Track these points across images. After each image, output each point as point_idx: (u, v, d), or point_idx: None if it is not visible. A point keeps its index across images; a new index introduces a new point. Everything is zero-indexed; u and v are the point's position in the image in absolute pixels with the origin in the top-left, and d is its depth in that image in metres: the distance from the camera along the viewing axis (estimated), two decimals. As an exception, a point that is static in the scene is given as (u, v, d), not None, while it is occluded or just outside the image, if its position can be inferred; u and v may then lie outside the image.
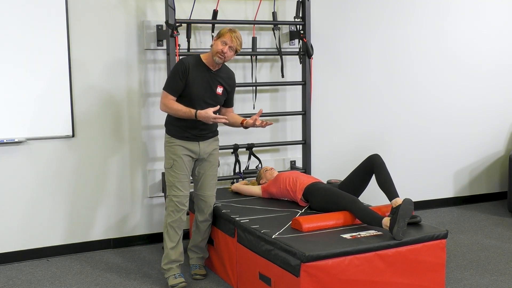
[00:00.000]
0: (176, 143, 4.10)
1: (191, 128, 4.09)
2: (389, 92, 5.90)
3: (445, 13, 6.05)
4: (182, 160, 4.09)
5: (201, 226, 4.28)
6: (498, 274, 4.38)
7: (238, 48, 4.05)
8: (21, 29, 4.52)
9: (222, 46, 3.99)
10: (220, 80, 4.14)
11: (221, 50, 3.99)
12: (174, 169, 4.10)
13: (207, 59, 4.09)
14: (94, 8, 4.76)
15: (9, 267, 4.61)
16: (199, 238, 4.31)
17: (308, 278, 3.37)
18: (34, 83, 4.59)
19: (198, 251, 4.35)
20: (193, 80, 4.03)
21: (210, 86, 4.09)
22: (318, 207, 4.20)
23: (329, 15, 5.55)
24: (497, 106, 6.39)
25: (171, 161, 4.11)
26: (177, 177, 4.10)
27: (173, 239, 4.12)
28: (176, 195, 4.10)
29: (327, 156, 5.66)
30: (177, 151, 4.09)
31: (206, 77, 4.07)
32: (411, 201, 3.70)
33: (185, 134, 4.10)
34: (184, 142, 4.10)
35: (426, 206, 6.13)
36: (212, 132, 4.22)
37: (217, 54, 4.00)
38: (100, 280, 4.33)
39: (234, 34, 4.01)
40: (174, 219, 4.10)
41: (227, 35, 3.99)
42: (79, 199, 4.87)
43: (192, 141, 4.12)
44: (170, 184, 4.12)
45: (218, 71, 4.14)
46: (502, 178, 6.52)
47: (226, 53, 3.99)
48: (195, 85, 4.04)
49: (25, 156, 4.66)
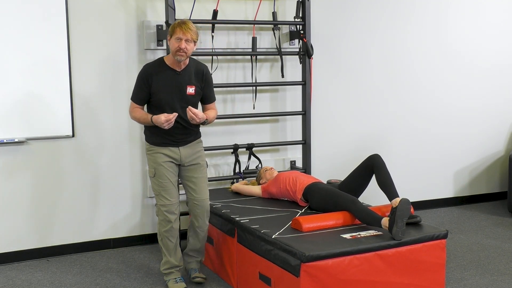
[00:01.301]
0: (156, 150, 3.98)
1: (167, 134, 3.94)
2: (389, 92, 5.90)
3: (445, 13, 6.05)
4: (163, 167, 3.96)
5: (199, 232, 4.14)
6: (498, 274, 4.38)
7: (195, 38, 3.85)
8: (21, 29, 4.52)
9: (177, 43, 3.81)
10: (189, 79, 3.96)
11: (178, 47, 3.80)
12: (158, 178, 3.97)
13: (170, 60, 3.92)
14: (94, 8, 4.76)
15: (9, 267, 4.61)
16: (197, 244, 4.18)
17: (308, 278, 3.37)
18: (34, 83, 4.59)
19: (196, 255, 4.23)
20: (158, 86, 3.88)
21: (179, 89, 3.92)
22: (318, 207, 4.20)
23: (329, 15, 5.55)
24: (497, 106, 6.39)
25: (153, 170, 3.99)
26: (161, 185, 3.97)
27: (168, 248, 4.04)
28: (164, 204, 3.98)
29: (327, 156, 5.66)
30: (157, 159, 3.97)
31: (172, 80, 3.91)
32: (408, 201, 3.70)
33: (163, 140, 3.96)
34: (164, 149, 3.96)
35: (426, 206, 6.13)
36: (193, 136, 4.05)
37: (177, 53, 3.82)
38: (100, 280, 4.33)
39: (184, 26, 3.82)
40: (166, 228, 4.00)
41: (178, 30, 3.81)
42: (79, 199, 4.87)
43: (172, 147, 3.97)
44: (157, 193, 4.01)
45: (186, 70, 3.95)
46: (502, 178, 6.52)
47: (185, 48, 3.80)
48: (162, 90, 3.89)
49: (25, 156, 4.66)
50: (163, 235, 4.03)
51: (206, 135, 4.28)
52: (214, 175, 5.20)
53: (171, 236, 4.02)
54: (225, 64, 5.18)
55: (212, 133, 4.87)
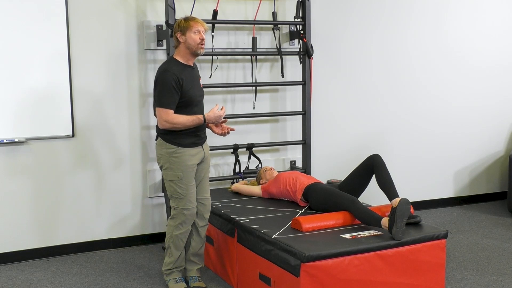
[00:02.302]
0: (184, 152, 3.84)
1: (198, 131, 3.91)
2: (389, 92, 5.90)
3: (444, 13, 6.05)
4: (191, 171, 3.88)
5: (201, 231, 4.13)
6: (498, 274, 4.38)
7: (207, 28, 3.88)
8: (21, 29, 4.52)
9: (198, 35, 3.79)
10: (198, 72, 4.05)
11: (200, 40, 3.79)
12: (185, 181, 3.86)
13: (183, 57, 3.86)
14: (94, 8, 4.76)
15: (9, 267, 4.61)
16: (199, 244, 4.14)
17: (308, 278, 3.37)
18: (34, 83, 4.59)
19: (198, 260, 4.17)
20: (186, 84, 3.81)
21: (198, 82, 3.96)
22: (318, 207, 4.20)
23: (329, 15, 5.55)
24: (497, 106, 6.39)
25: (180, 173, 3.84)
26: (187, 189, 3.88)
27: (179, 248, 4.01)
28: (188, 208, 3.92)
29: (327, 156, 5.66)
30: (187, 162, 3.85)
31: (192, 76, 3.90)
32: (408, 200, 3.70)
33: (194, 140, 3.89)
34: (192, 150, 3.88)
35: (426, 206, 6.13)
36: (205, 134, 4.06)
37: (199, 45, 3.80)
38: (100, 280, 4.33)
39: (197, 19, 3.84)
40: (182, 231, 3.96)
41: (194, 24, 3.79)
42: (79, 199, 4.87)
43: (198, 146, 3.94)
44: (180, 197, 3.89)
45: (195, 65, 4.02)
46: (502, 178, 6.52)
47: (204, 39, 3.83)
48: (190, 88, 3.84)
49: (25, 156, 4.66)
50: (177, 237, 3.97)
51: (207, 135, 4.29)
52: (214, 175, 5.20)
53: (184, 237, 4.01)
54: (225, 64, 5.18)
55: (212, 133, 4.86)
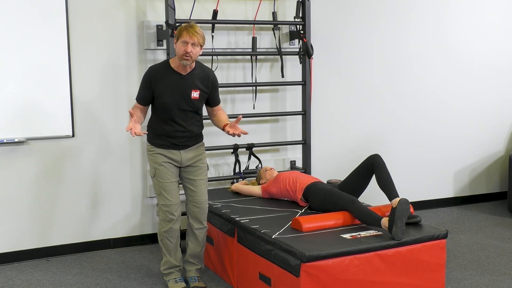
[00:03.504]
0: (156, 151, 3.96)
1: (169, 137, 3.94)
2: (389, 92, 5.90)
3: (444, 13, 6.05)
4: (164, 167, 3.95)
5: (198, 233, 4.11)
6: (498, 274, 4.38)
7: (201, 42, 3.80)
8: (21, 29, 4.52)
9: (184, 47, 3.75)
10: (194, 83, 3.91)
11: (184, 52, 3.75)
12: (158, 178, 3.96)
13: (176, 63, 3.88)
14: (94, 8, 4.76)
15: (9, 267, 4.61)
16: (197, 247, 4.13)
17: (308, 278, 3.37)
18: (34, 83, 4.59)
19: (196, 262, 4.17)
20: (162, 88, 3.84)
21: (183, 92, 3.88)
22: (318, 207, 4.20)
23: (329, 15, 5.55)
24: (497, 106, 6.39)
25: (153, 170, 3.98)
26: (162, 185, 3.96)
27: (168, 248, 4.05)
28: (165, 204, 3.97)
29: (327, 156, 5.66)
30: (157, 159, 3.96)
31: (176, 84, 3.87)
32: (407, 200, 3.70)
33: (164, 143, 3.95)
34: (164, 151, 3.95)
35: (426, 206, 6.13)
36: (194, 140, 4.03)
37: (183, 56, 3.77)
38: (100, 280, 4.33)
39: (191, 30, 3.76)
40: (165, 229, 4.00)
41: (184, 34, 3.75)
42: (79, 199, 4.87)
43: (172, 149, 3.96)
44: (158, 193, 4.01)
45: (191, 74, 3.91)
46: (502, 178, 6.51)
47: (191, 52, 3.76)
48: (165, 93, 3.85)
49: (25, 156, 4.66)
50: (163, 235, 4.03)
51: (206, 135, 4.27)
52: (214, 175, 5.20)
53: (170, 236, 4.02)
54: (225, 64, 5.18)
55: (212, 133, 4.87)
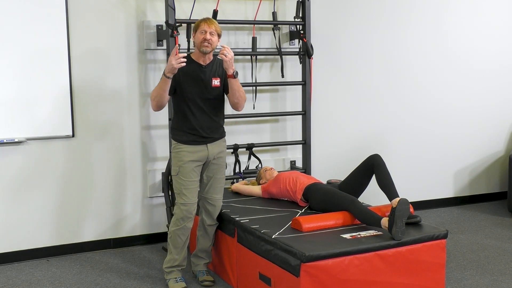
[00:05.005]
0: (182, 148, 4.00)
1: (195, 129, 3.99)
2: (389, 92, 5.90)
3: (444, 14, 6.05)
4: (189, 166, 3.99)
5: (209, 229, 4.20)
6: (498, 274, 4.38)
7: (219, 30, 3.97)
8: (21, 29, 4.52)
9: (202, 35, 3.92)
10: (214, 72, 4.04)
11: (203, 39, 3.91)
12: (181, 176, 3.99)
13: (195, 54, 4.03)
14: (94, 8, 4.76)
15: (9, 267, 4.61)
16: (207, 242, 4.23)
17: (308, 278, 3.37)
18: (34, 83, 4.59)
19: (205, 256, 4.27)
20: (184, 79, 3.96)
21: (204, 82, 3.99)
22: (318, 207, 4.20)
23: (329, 15, 5.56)
24: (497, 106, 6.39)
25: (177, 168, 4.01)
26: (184, 184, 4.00)
27: (177, 245, 4.07)
28: (185, 203, 4.00)
29: (327, 156, 5.66)
30: (183, 157, 3.99)
31: (197, 74, 3.99)
32: (407, 201, 3.70)
33: (192, 138, 4.00)
34: (190, 147, 4.00)
35: (426, 206, 6.13)
36: (219, 134, 4.12)
37: (202, 44, 3.92)
38: (100, 280, 4.33)
39: (209, 20, 3.96)
40: (179, 227, 4.03)
41: (203, 24, 3.94)
42: (79, 199, 4.87)
43: (200, 145, 4.02)
44: (178, 192, 4.03)
45: (210, 64, 4.03)
46: (502, 178, 6.52)
47: (210, 39, 3.91)
48: (187, 83, 3.97)
49: (25, 156, 4.66)
50: (175, 232, 4.05)
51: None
52: (214, 175, 5.20)
53: (182, 234, 4.06)
54: (225, 64, 5.18)
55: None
